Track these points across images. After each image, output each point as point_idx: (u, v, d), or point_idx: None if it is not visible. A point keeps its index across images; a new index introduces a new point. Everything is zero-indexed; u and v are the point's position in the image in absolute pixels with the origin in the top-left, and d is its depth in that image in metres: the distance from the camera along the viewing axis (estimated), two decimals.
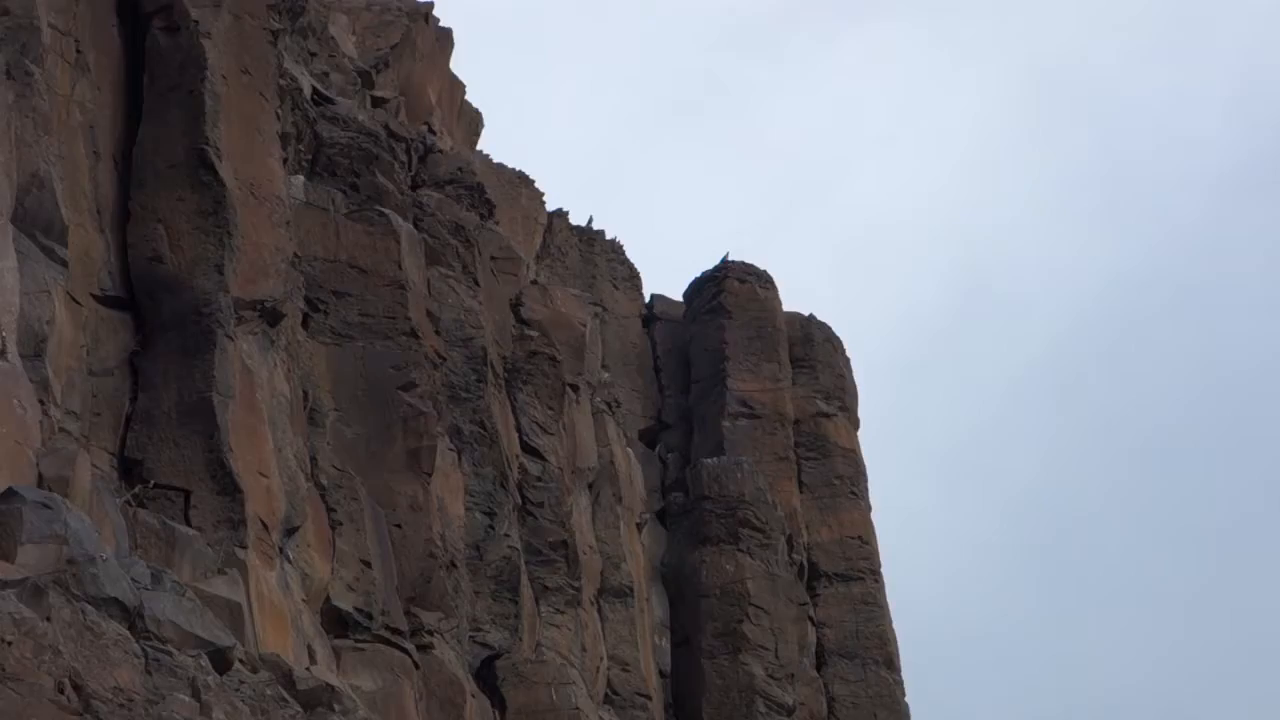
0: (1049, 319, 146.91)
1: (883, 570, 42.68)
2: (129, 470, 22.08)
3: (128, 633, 17.84)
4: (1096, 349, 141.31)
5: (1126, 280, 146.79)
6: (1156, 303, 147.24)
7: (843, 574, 41.65)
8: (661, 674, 37.49)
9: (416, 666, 25.07)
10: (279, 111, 25.72)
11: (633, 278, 43.06)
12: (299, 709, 19.54)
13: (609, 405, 37.83)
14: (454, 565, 27.24)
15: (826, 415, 43.18)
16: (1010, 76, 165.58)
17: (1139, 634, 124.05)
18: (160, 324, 22.95)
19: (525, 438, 32.85)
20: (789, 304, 43.94)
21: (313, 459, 25.27)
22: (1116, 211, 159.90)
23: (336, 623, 24.24)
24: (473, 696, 26.36)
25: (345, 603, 24.61)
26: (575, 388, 35.14)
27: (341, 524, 25.53)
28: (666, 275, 39.62)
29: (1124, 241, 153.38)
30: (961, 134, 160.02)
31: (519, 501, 31.71)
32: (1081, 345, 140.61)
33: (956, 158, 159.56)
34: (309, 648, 22.62)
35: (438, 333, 28.86)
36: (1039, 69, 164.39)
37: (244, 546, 22.04)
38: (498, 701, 27.70)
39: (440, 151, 33.17)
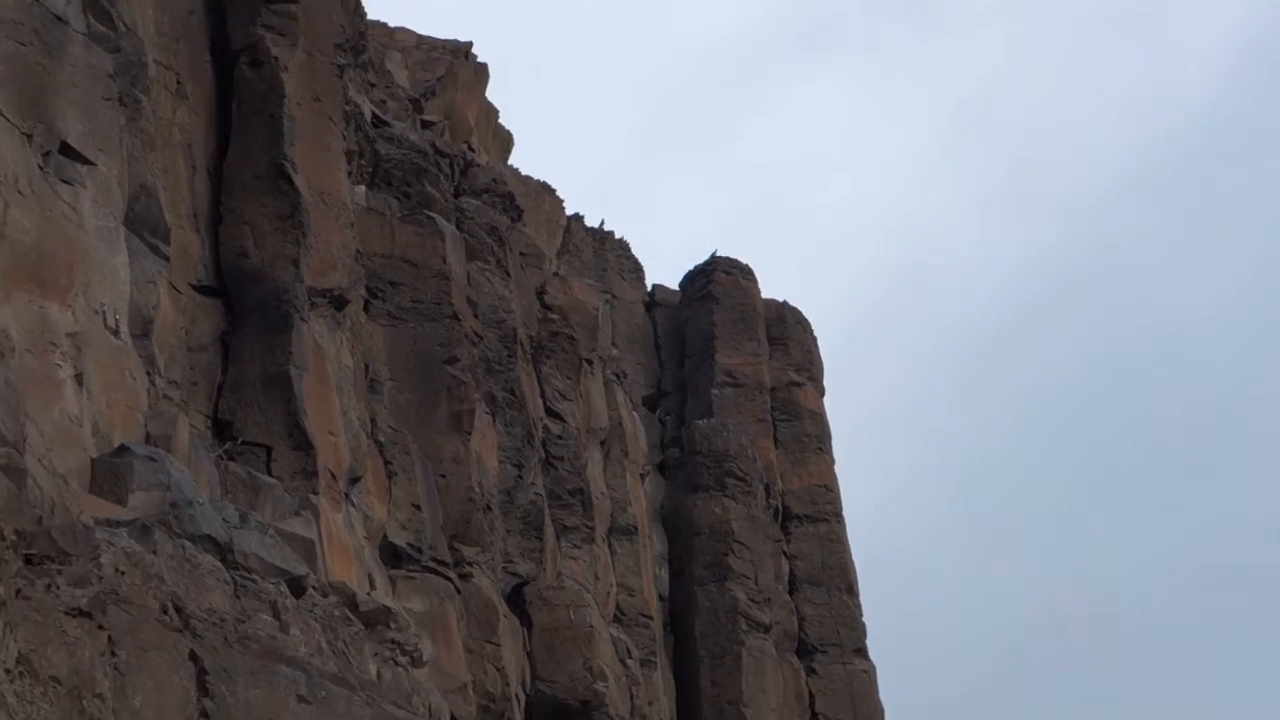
0: (971, 299, 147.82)
1: (843, 512, 42.78)
2: (220, 430, 22.13)
3: (219, 564, 17.93)
4: (1007, 321, 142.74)
5: (1032, 267, 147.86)
6: (1056, 285, 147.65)
7: (811, 515, 41.74)
8: (661, 598, 37.55)
9: (458, 592, 25.12)
10: (344, 132, 25.76)
11: (637, 270, 43.07)
12: (361, 627, 19.62)
13: (617, 376, 37.88)
14: (489, 508, 27.33)
15: (797, 384, 43.25)
16: (939, 105, 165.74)
17: (1036, 557, 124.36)
18: (246, 309, 23.00)
19: (548, 403, 32.93)
20: (766, 292, 44.01)
21: (372, 420, 25.33)
22: (1025, 213, 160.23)
23: (392, 556, 24.29)
24: (505, 617, 26.41)
25: (399, 539, 24.66)
26: (589, 362, 35.22)
27: (396, 474, 25.59)
28: (665, 268, 39.83)
29: (1031, 236, 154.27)
30: (902, 152, 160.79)
31: (543, 455, 31.78)
32: (996, 319, 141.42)
33: (898, 171, 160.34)
34: (369, 576, 22.67)
35: (476, 316, 28.93)
36: (962, 98, 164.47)
37: (316, 493, 22.11)
38: (525, 621, 27.74)
39: (478, 166, 33.19)
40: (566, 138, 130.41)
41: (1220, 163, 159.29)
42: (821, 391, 44.62)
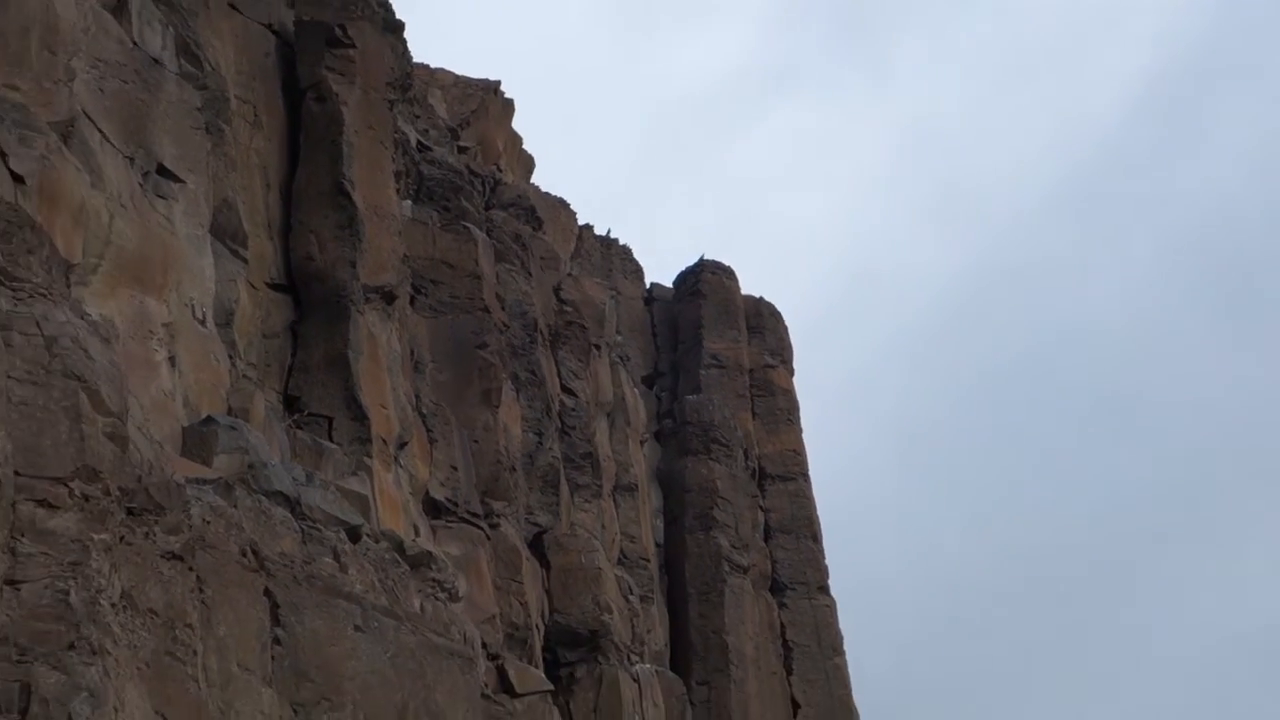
0: (915, 296, 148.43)
1: (809, 472, 42.75)
2: (290, 403, 22.14)
3: (289, 515, 17.95)
4: (946, 316, 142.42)
5: (967, 270, 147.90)
6: (988, 286, 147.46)
7: (782, 475, 41.69)
8: (656, 544, 37.52)
9: (488, 539, 25.15)
10: (394, 156, 25.75)
11: (637, 271, 42.97)
12: (407, 568, 19.65)
13: (621, 359, 37.88)
14: (513, 469, 27.36)
15: (771, 366, 43.16)
16: (886, 133, 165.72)
17: (971, 511, 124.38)
18: (311, 303, 22.99)
19: (563, 381, 32.93)
20: (745, 289, 43.90)
21: (416, 396, 25.34)
22: (960, 224, 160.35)
23: (433, 508, 24.31)
24: (527, 560, 26.43)
25: (439, 494, 24.68)
26: (598, 347, 35.22)
27: (436, 440, 25.62)
28: (661, 269, 39.80)
29: (965, 244, 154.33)
30: (856, 172, 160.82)
31: (559, 425, 31.80)
32: (937, 314, 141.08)
33: (852, 188, 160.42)
34: (414, 526, 22.69)
35: (503, 309, 28.96)
36: (905, 127, 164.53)
37: (369, 456, 22.13)
38: (544, 563, 27.75)
39: (504, 184, 33.18)
40: (579, 161, 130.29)
41: (1126, 180, 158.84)
42: (791, 372, 44.56)
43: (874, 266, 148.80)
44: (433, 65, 35.33)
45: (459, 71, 36.67)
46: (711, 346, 41.87)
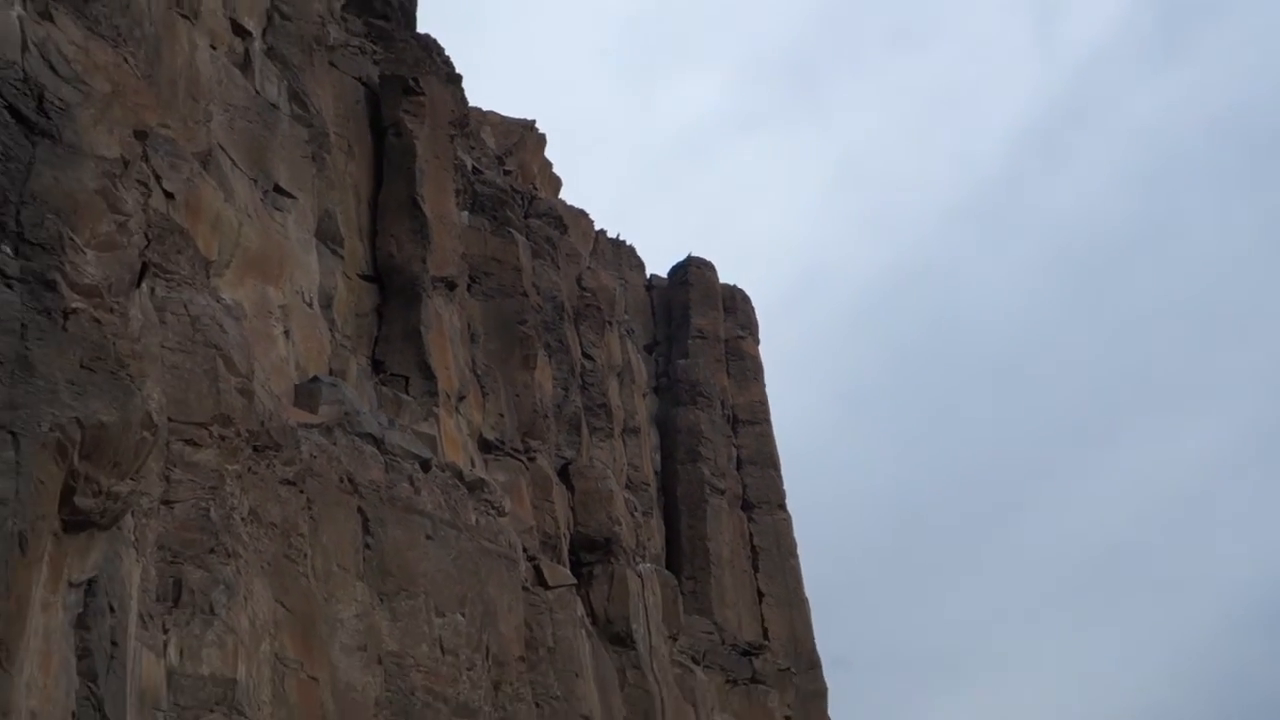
0: (848, 287, 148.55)
1: (771, 419, 42.77)
2: (376, 366, 22.20)
3: (377, 451, 18.02)
4: (873, 301, 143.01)
5: (888, 266, 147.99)
6: (905, 279, 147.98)
7: (750, 421, 41.66)
8: (655, 473, 37.53)
9: (526, 469, 25.22)
10: (454, 178, 25.79)
11: (640, 266, 42.89)
12: (465, 491, 19.73)
13: (628, 332, 37.91)
14: (546, 416, 27.43)
15: (741, 338, 43.07)
16: (825, 160, 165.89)
17: (896, 453, 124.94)
18: (392, 290, 23.03)
19: (584, 349, 32.98)
20: (722, 278, 43.81)
21: (472, 360, 25.42)
22: (882, 231, 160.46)
23: (484, 446, 24.39)
24: (556, 485, 26.50)
25: (490, 435, 24.76)
26: (610, 323, 35.26)
27: (488, 394, 25.69)
28: (659, 263, 40.09)
29: (887, 246, 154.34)
30: (803, 190, 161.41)
31: (580, 382, 31.87)
32: (865, 299, 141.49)
33: (799, 203, 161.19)
34: (470, 459, 22.78)
35: (537, 294, 29.00)
36: (839, 156, 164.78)
37: (437, 406, 22.20)
38: (570, 488, 27.81)
39: (538, 198, 33.16)
40: (595, 180, 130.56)
41: (1010, 199, 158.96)
42: (757, 342, 44.45)
43: (818, 262, 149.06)
44: (484, 108, 35.31)
45: (504, 113, 36.69)
46: (696, 322, 41.85)
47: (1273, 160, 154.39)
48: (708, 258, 44.19)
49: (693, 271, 43.20)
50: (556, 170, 38.91)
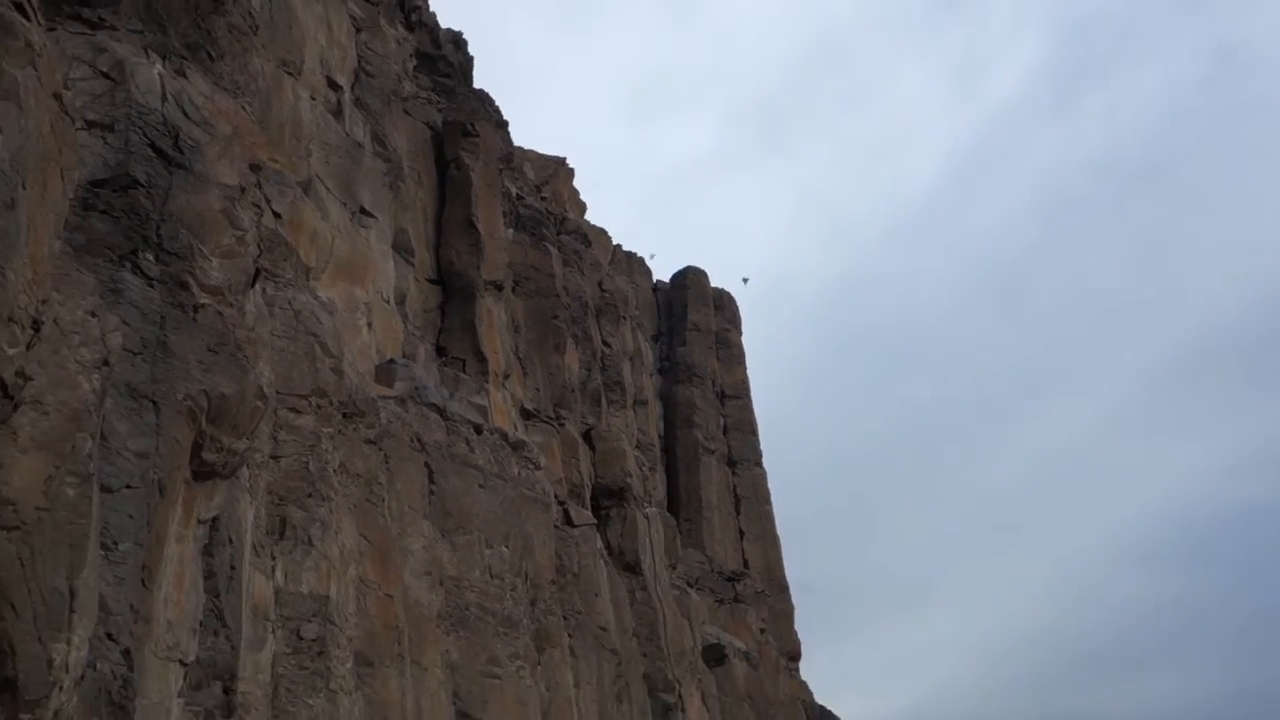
0: (808, 291, 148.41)
1: (752, 394, 42.71)
2: (440, 351, 22.21)
3: (440, 418, 18.02)
4: (829, 303, 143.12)
5: (838, 275, 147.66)
6: (852, 285, 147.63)
7: (734, 395, 41.58)
8: (659, 436, 37.51)
9: (557, 433, 25.23)
10: (502, 203, 25.76)
11: (648, 272, 42.75)
12: (510, 449, 19.74)
13: (639, 325, 37.86)
14: (573, 391, 27.37)
15: (728, 330, 42.99)
16: (790, 196, 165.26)
17: (842, 417, 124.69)
18: (453, 290, 23.04)
19: (603, 338, 32.88)
20: (713, 283, 43.67)
21: (515, 346, 25.40)
22: (832, 246, 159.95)
23: (525, 414, 24.41)
24: (581, 445, 26.48)
25: (529, 405, 24.76)
26: (625, 318, 35.14)
27: (527, 373, 25.67)
28: (663, 271, 39.86)
29: (836, 258, 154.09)
30: (772, 218, 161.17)
31: (600, 365, 31.80)
32: (822, 302, 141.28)
33: (769, 229, 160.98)
34: (514, 424, 22.82)
35: (567, 295, 28.90)
36: (801, 187, 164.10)
37: (488, 383, 22.22)
38: (591, 448, 27.78)
39: (568, 219, 33.04)
40: (613, 205, 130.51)
41: (940, 220, 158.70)
42: (740, 334, 44.38)
43: (785, 271, 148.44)
44: (525, 147, 35.14)
45: (541, 150, 36.54)
46: (692, 318, 41.77)
47: (1141, 193, 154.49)
48: (701, 266, 44.19)
49: (689, 277, 43.10)
50: (582, 197, 38.70)
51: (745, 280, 49.11)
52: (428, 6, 26.79)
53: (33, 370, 7.51)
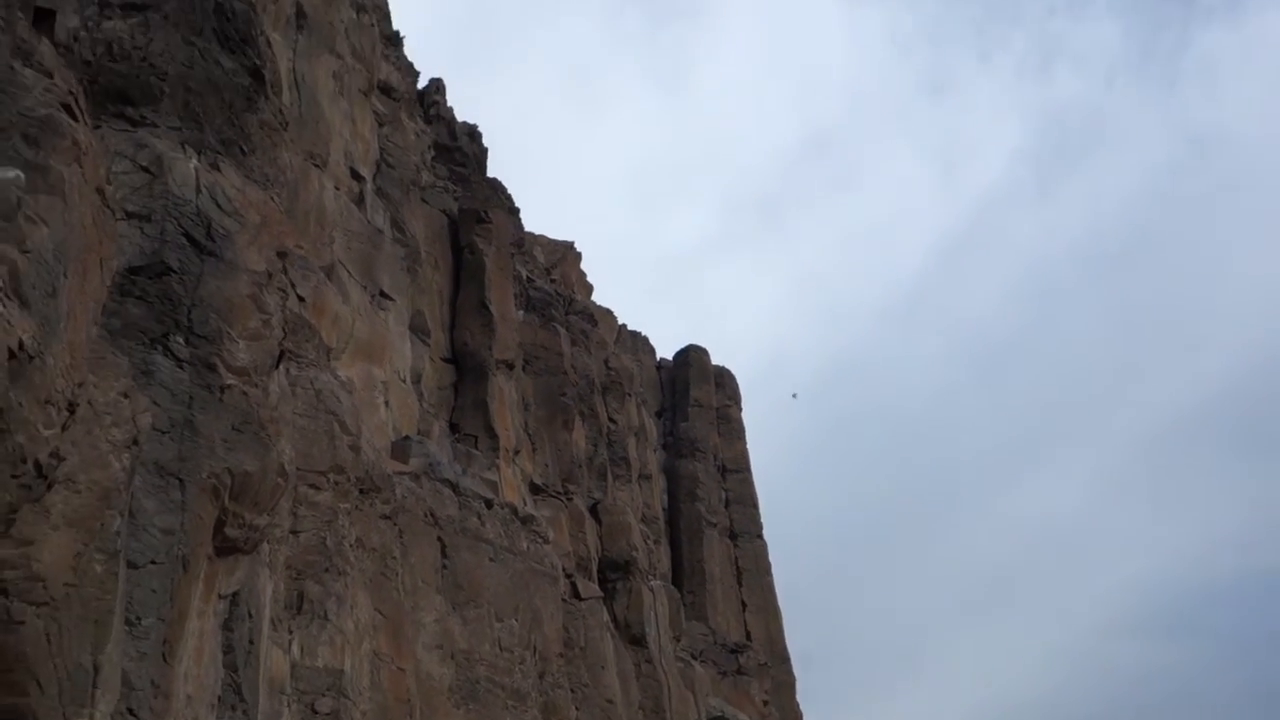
0: (802, 369, 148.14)
1: (752, 468, 42.38)
2: (454, 428, 22.21)
3: (453, 493, 17.94)
4: (825, 382, 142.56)
5: (831, 355, 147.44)
6: (846, 365, 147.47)
7: (735, 470, 41.01)
8: (663, 510, 37.02)
9: (565, 507, 25.12)
10: (514, 285, 25.93)
11: (652, 351, 42.84)
12: (519, 524, 19.61)
13: (643, 402, 37.79)
14: (580, 466, 27.26)
15: (728, 406, 42.84)
16: (788, 278, 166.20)
17: (832, 498, 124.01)
18: (466, 370, 23.10)
19: (609, 415, 32.78)
20: (714, 360, 43.69)
21: (525, 423, 25.38)
22: (825, 328, 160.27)
23: (534, 488, 24.32)
24: (588, 519, 26.33)
25: (538, 480, 24.67)
26: (630, 395, 35.11)
27: (536, 449, 25.60)
28: (666, 349, 39.76)
29: (830, 339, 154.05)
30: (768, 299, 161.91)
31: (607, 440, 31.69)
32: (819, 380, 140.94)
33: (767, 309, 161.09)
34: (523, 499, 22.71)
35: (575, 373, 28.90)
36: (794, 271, 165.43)
37: (498, 459, 22.18)
38: (598, 521, 27.62)
39: (576, 300, 33.23)
40: (619, 287, 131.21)
41: (926, 307, 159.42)
42: (741, 409, 44.31)
43: (780, 352, 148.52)
44: (536, 232, 35.51)
45: (550, 235, 36.91)
46: (694, 394, 41.72)
47: (1122, 273, 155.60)
48: (703, 345, 44.31)
49: (691, 355, 43.20)
50: (590, 279, 39.05)
51: (795, 395, 49.02)
52: (445, 101, 27.26)
53: (66, 450, 7.53)
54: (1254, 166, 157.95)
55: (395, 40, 24.42)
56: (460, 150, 26.69)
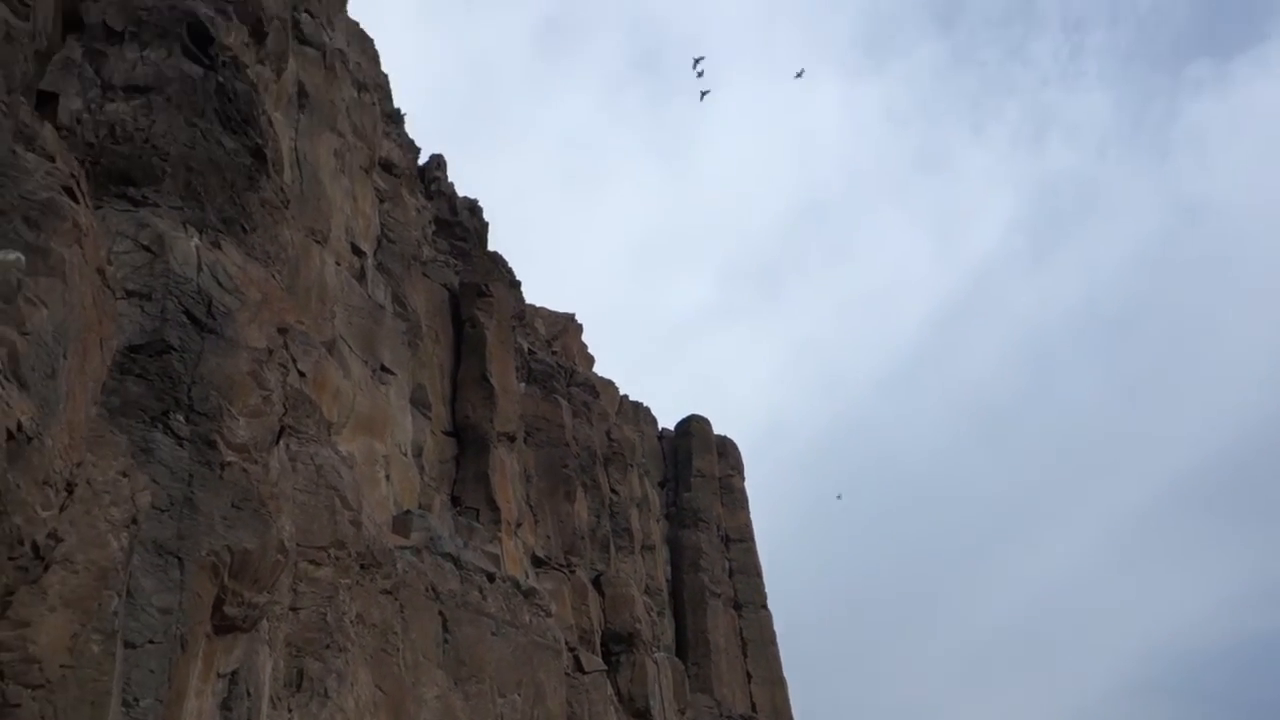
0: (803, 437, 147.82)
1: (755, 538, 41.96)
2: (455, 501, 22.07)
3: (454, 567, 17.78)
4: (823, 448, 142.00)
5: (830, 424, 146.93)
6: (844, 434, 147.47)
7: (739, 540, 40.73)
8: (667, 581, 36.65)
9: (568, 579, 24.89)
10: (515, 358, 25.95)
11: (653, 421, 42.70)
12: (522, 597, 19.39)
13: (645, 472, 37.64)
14: (583, 538, 27.08)
15: (731, 475, 42.59)
16: (786, 346, 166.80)
17: (836, 564, 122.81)
18: (467, 443, 23.01)
19: (612, 486, 32.64)
20: (716, 430, 43.53)
21: (527, 496, 25.23)
22: (826, 394, 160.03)
23: (536, 561, 24.11)
24: (591, 592, 26.07)
25: (540, 553, 24.46)
26: (632, 466, 34.99)
27: (539, 521, 25.43)
28: (668, 419, 39.58)
29: (830, 407, 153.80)
30: (767, 368, 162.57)
31: (609, 512, 31.51)
32: (817, 446, 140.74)
33: (767, 378, 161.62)
34: (526, 572, 22.50)
35: (577, 445, 28.82)
36: (793, 339, 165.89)
37: (500, 531, 22.01)
38: (601, 594, 27.33)
39: (577, 372, 33.24)
40: (620, 358, 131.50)
41: (926, 370, 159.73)
42: (744, 479, 44.07)
43: (779, 420, 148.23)
44: (537, 304, 35.72)
45: (552, 308, 37.07)
46: (697, 464, 41.52)
47: (1116, 338, 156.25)
48: (704, 414, 44.20)
49: (693, 425, 43.07)
50: (591, 350, 39.15)
51: (839, 497, 48.78)
52: (446, 176, 27.56)
53: (64, 530, 7.47)
54: (1244, 233, 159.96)
55: (396, 117, 24.75)
56: (461, 225, 26.91)
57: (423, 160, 26.70)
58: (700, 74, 40.46)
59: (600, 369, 38.52)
